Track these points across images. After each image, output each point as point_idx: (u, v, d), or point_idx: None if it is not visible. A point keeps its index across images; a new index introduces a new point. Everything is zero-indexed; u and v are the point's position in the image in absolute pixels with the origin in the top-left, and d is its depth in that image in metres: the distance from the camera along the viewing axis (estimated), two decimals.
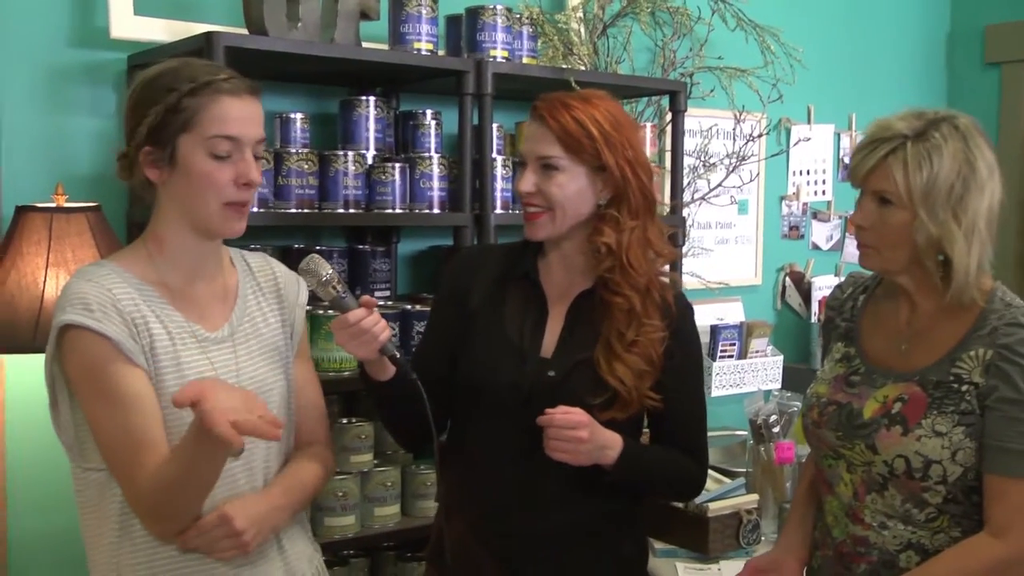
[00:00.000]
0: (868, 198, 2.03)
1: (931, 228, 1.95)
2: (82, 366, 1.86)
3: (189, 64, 1.97)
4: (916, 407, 2.00)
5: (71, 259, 2.45)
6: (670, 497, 2.81)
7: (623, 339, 2.16)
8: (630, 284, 2.17)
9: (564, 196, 2.16)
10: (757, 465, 3.32)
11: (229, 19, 2.95)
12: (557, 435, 2.09)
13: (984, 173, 1.98)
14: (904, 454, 1.98)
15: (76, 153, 2.84)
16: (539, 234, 2.21)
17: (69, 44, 2.85)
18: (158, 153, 1.90)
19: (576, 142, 2.14)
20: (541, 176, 2.17)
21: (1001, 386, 1.94)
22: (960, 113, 2.03)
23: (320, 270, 2.04)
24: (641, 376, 2.16)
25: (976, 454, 1.96)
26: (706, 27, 3.94)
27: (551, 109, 2.16)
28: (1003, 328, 1.96)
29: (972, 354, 1.98)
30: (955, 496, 1.99)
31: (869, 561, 2.07)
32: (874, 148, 2.00)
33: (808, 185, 4.70)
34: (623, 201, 2.19)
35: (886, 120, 2.03)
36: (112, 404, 1.84)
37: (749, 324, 4.24)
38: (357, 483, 2.88)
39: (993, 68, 5.06)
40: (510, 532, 2.20)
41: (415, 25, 3.00)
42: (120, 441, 1.84)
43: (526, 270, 2.26)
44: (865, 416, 2.05)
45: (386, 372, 2.14)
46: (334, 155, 2.88)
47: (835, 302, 2.29)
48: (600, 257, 2.18)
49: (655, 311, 2.20)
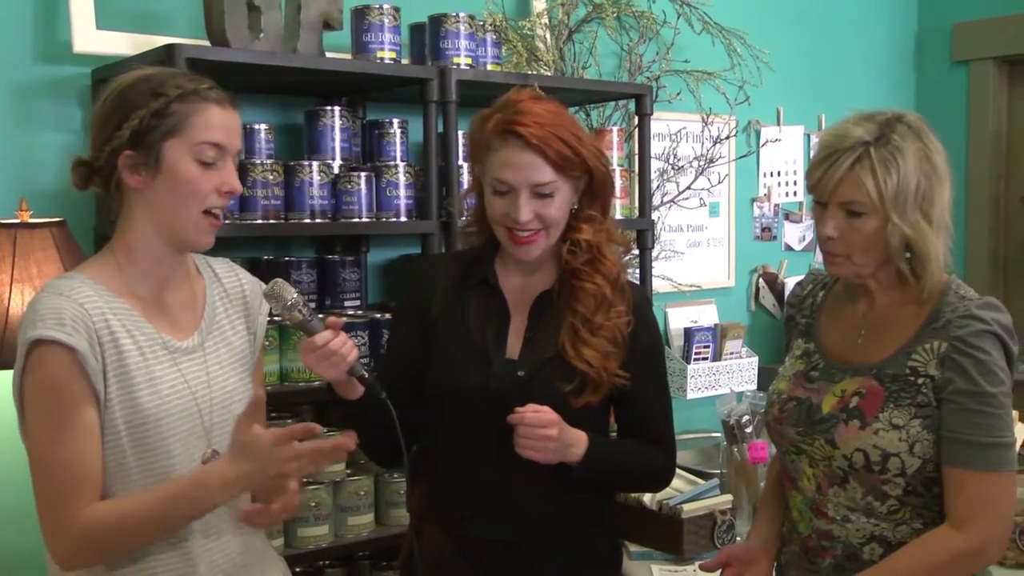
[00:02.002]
0: (836, 209, 2.02)
1: (904, 229, 1.96)
2: (44, 381, 1.82)
3: (170, 72, 1.98)
4: (873, 401, 2.01)
5: (36, 275, 2.45)
6: (639, 490, 2.82)
7: (589, 324, 2.18)
8: (603, 274, 2.21)
9: (560, 215, 2.19)
10: (731, 465, 3.33)
11: (192, 31, 2.95)
12: (527, 433, 2.10)
13: (942, 166, 2.00)
14: (862, 448, 1.99)
15: (41, 168, 2.83)
16: (535, 254, 2.21)
17: (32, 59, 2.85)
18: (141, 158, 1.89)
19: (569, 163, 2.15)
20: (537, 202, 2.16)
21: (956, 379, 1.95)
22: (906, 111, 2.05)
23: (285, 294, 2.01)
24: (607, 356, 2.18)
25: (934, 446, 1.97)
26: (672, 31, 3.96)
27: (543, 137, 2.13)
28: (957, 320, 1.97)
29: (927, 347, 1.99)
30: (915, 488, 2.00)
31: (834, 555, 2.08)
32: (836, 159, 1.99)
33: (779, 187, 4.73)
34: (593, 196, 2.24)
35: (839, 128, 2.03)
36: (62, 428, 1.82)
37: (723, 326, 4.26)
38: (330, 492, 2.88)
39: (961, 66, 5.10)
40: (485, 536, 2.20)
41: (377, 34, 3.01)
42: (63, 471, 1.82)
43: (484, 276, 2.27)
44: (823, 411, 2.06)
45: (355, 392, 2.14)
46: (300, 165, 2.88)
47: (795, 299, 2.31)
48: (577, 253, 2.21)
49: (619, 298, 2.23)
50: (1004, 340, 1.96)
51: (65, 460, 1.82)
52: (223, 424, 1.98)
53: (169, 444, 1.90)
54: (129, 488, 1.87)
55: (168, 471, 1.89)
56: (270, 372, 2.78)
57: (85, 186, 1.96)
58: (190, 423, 1.93)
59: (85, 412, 1.83)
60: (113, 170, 1.91)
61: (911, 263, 2.03)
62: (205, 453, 1.95)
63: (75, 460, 1.82)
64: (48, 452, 1.83)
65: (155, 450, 1.88)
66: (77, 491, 1.82)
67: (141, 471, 1.87)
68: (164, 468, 1.89)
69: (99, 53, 2.87)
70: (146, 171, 1.90)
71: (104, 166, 1.92)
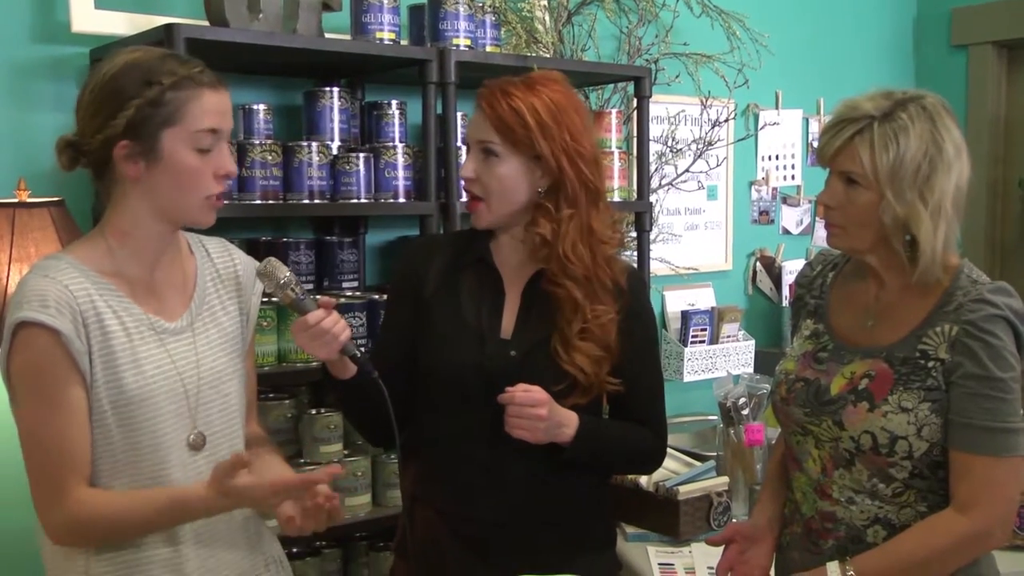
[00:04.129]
0: (835, 178, 2.03)
1: (897, 208, 1.96)
2: (27, 360, 1.83)
3: (159, 56, 1.95)
4: (882, 383, 2.00)
5: (34, 254, 2.44)
6: (630, 471, 2.82)
7: (572, 328, 2.17)
8: (567, 275, 2.17)
9: (499, 185, 2.18)
10: (727, 447, 3.33)
11: (190, 11, 2.94)
12: (517, 412, 2.10)
13: (951, 153, 1.98)
14: (870, 430, 1.99)
15: (39, 148, 2.82)
16: (479, 222, 2.23)
17: (31, 39, 2.85)
18: (138, 148, 1.87)
19: (511, 130, 2.15)
20: (481, 163, 2.18)
21: (966, 362, 1.94)
22: (929, 93, 2.03)
23: (278, 273, 2.02)
24: (598, 362, 2.18)
25: (942, 430, 1.96)
26: (671, 14, 3.95)
27: (490, 96, 2.17)
28: (968, 304, 1.96)
29: (938, 330, 1.98)
30: (921, 471, 2.00)
31: (837, 537, 2.08)
32: (841, 128, 1.99)
33: (777, 170, 4.72)
34: (559, 191, 2.18)
35: (854, 100, 2.03)
36: (50, 408, 1.83)
37: (720, 309, 4.27)
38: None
39: (960, 50, 5.09)
40: (478, 516, 2.21)
41: (377, 15, 3.00)
42: (51, 450, 1.84)
43: (479, 255, 2.28)
44: (832, 392, 2.06)
45: (348, 371, 2.14)
46: (298, 146, 2.88)
47: (804, 280, 2.29)
48: (536, 248, 2.20)
49: (605, 296, 2.21)
50: (1015, 325, 1.95)
51: (51, 440, 1.84)
52: (210, 404, 1.99)
53: (154, 424, 1.90)
54: (116, 466, 1.88)
55: (154, 451, 1.90)
56: (268, 352, 2.79)
57: (72, 167, 1.95)
58: (175, 403, 1.93)
59: (71, 392, 1.84)
60: (107, 158, 1.90)
61: (909, 246, 2.02)
62: (191, 435, 1.96)
63: (62, 440, 1.84)
64: (35, 432, 1.86)
65: (140, 429, 1.88)
66: (64, 470, 1.84)
67: (127, 450, 1.88)
68: (150, 447, 1.90)
69: (97, 33, 2.86)
70: (144, 161, 1.89)
71: (96, 153, 1.91)
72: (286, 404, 2.95)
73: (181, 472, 1.93)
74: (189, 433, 1.95)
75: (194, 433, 1.96)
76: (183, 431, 1.95)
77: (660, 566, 2.85)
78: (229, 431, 2.04)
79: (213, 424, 1.99)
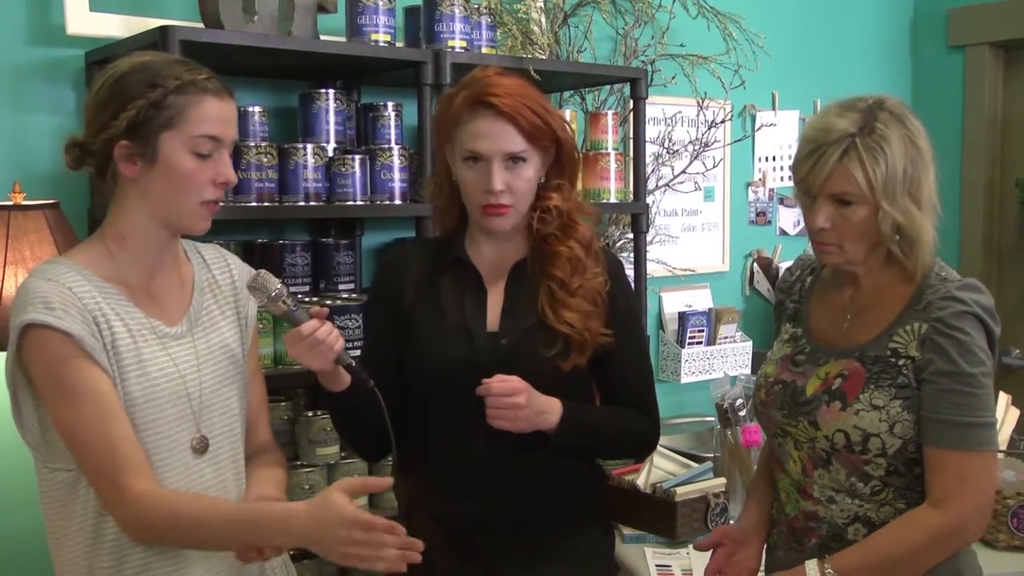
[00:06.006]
0: (825, 201, 2.02)
1: (895, 216, 1.98)
2: (46, 365, 1.84)
3: (168, 61, 1.97)
4: (855, 382, 2.03)
5: (29, 257, 2.44)
6: (622, 455, 2.83)
7: (566, 286, 2.21)
8: (575, 238, 2.25)
9: (527, 186, 2.22)
10: (724, 448, 3.34)
11: (186, 13, 2.94)
12: (495, 403, 2.12)
13: (926, 149, 2.02)
14: (843, 428, 2.02)
15: (34, 151, 2.83)
16: (507, 226, 2.24)
17: (25, 42, 2.84)
18: (136, 148, 1.89)
19: (539, 132, 2.19)
20: (510, 172, 2.19)
21: (936, 359, 1.96)
22: (886, 95, 2.05)
23: (269, 285, 2.02)
24: (589, 316, 2.21)
25: (914, 427, 1.99)
26: (668, 15, 3.95)
27: (515, 107, 2.17)
28: (937, 302, 1.99)
29: (908, 328, 2.01)
30: (897, 468, 2.02)
31: (819, 535, 2.11)
32: (822, 153, 1.98)
33: (774, 171, 4.72)
34: (564, 169, 2.28)
35: (822, 121, 2.02)
36: (77, 403, 1.82)
37: (717, 310, 4.27)
38: (324, 475, 2.88)
39: (957, 51, 5.08)
40: (476, 519, 2.21)
41: (372, 17, 3.00)
42: (97, 446, 1.83)
43: (457, 255, 2.29)
44: (807, 393, 2.09)
45: (342, 382, 2.14)
46: (294, 148, 2.88)
47: (784, 284, 2.33)
48: (548, 220, 2.24)
49: (594, 261, 2.27)
50: (985, 321, 1.98)
51: (96, 437, 1.83)
52: (212, 408, 2.00)
53: (158, 427, 1.91)
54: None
55: (157, 453, 1.90)
56: (265, 355, 2.78)
57: (78, 167, 1.97)
58: (178, 407, 1.94)
59: (97, 385, 1.83)
60: (109, 157, 1.91)
61: (900, 244, 2.04)
62: (194, 439, 1.96)
63: (104, 435, 1.83)
64: (76, 432, 1.84)
65: (143, 432, 1.89)
66: (117, 465, 1.83)
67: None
68: (153, 450, 1.90)
69: (92, 35, 2.86)
70: (142, 162, 1.90)
71: (99, 152, 1.92)
72: (282, 407, 2.94)
73: (184, 476, 1.94)
74: (192, 437, 1.96)
75: (197, 437, 1.96)
76: (186, 435, 1.95)
77: (657, 567, 2.85)
78: (231, 435, 2.05)
79: (215, 428, 2.00)
